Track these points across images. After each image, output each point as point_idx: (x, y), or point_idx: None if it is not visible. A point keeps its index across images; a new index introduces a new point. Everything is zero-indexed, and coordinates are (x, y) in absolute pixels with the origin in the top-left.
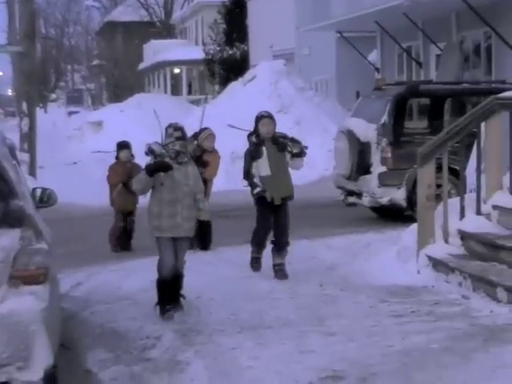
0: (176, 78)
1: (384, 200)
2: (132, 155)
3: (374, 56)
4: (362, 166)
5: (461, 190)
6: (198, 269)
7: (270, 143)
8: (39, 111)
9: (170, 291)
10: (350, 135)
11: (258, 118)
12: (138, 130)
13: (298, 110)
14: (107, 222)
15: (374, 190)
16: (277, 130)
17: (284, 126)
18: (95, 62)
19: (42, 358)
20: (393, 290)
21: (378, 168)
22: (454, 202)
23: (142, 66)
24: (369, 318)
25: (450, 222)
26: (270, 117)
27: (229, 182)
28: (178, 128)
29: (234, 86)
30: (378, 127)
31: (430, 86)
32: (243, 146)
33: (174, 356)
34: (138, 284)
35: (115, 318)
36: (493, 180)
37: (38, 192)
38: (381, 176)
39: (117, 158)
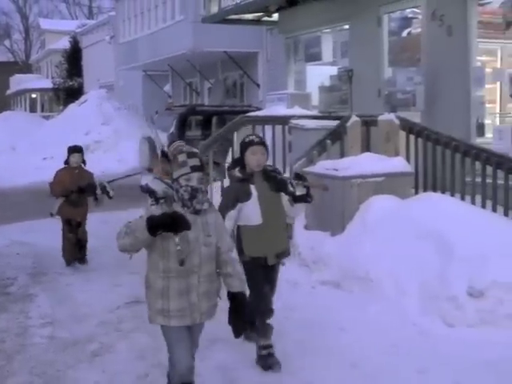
0: (33, 101)
1: None
2: (83, 161)
3: (167, 87)
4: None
5: (222, 177)
6: (49, 230)
7: (260, 179)
8: None
9: None
10: (150, 140)
11: (246, 144)
12: (5, 136)
13: (115, 123)
14: None
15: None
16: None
17: (106, 134)
18: None
19: None
20: None
21: None
22: (217, 185)
23: (8, 92)
24: None
25: (214, 197)
26: (262, 143)
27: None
28: (192, 154)
29: (72, 107)
30: (168, 135)
31: (203, 107)
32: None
33: (26, 291)
34: (2, 242)
35: None
36: None
37: None
38: None
39: (66, 162)
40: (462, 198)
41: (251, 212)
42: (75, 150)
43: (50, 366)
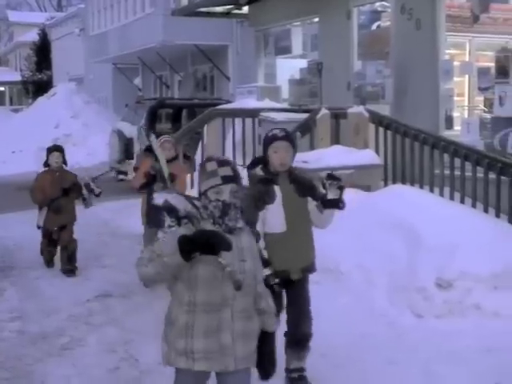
0: (1, 94)
1: None
2: (64, 161)
3: (137, 80)
4: (127, 154)
5: (191, 169)
6: (17, 224)
7: (286, 181)
8: None
9: None
10: (120, 133)
11: (269, 139)
12: None
13: (85, 116)
14: None
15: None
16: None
17: (76, 127)
18: None
19: None
20: None
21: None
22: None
23: None
24: (130, 255)
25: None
26: (287, 138)
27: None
28: (224, 162)
29: (42, 100)
30: (138, 128)
31: (173, 100)
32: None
33: None
34: None
35: None
36: None
37: None
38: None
39: (46, 165)
40: (431, 190)
41: (274, 217)
42: (55, 148)
43: (20, 360)
